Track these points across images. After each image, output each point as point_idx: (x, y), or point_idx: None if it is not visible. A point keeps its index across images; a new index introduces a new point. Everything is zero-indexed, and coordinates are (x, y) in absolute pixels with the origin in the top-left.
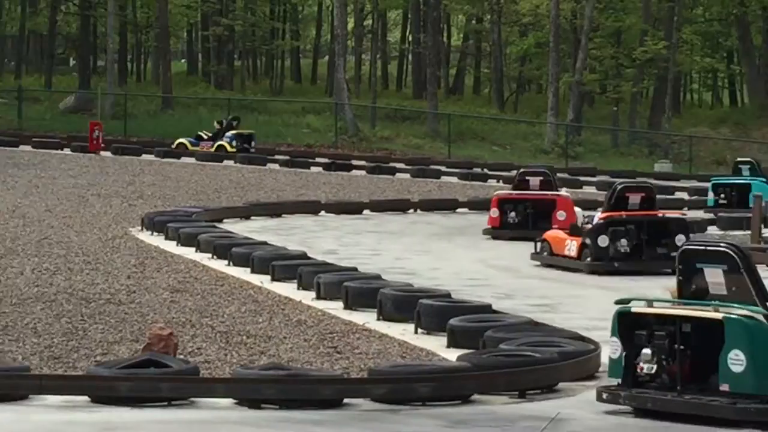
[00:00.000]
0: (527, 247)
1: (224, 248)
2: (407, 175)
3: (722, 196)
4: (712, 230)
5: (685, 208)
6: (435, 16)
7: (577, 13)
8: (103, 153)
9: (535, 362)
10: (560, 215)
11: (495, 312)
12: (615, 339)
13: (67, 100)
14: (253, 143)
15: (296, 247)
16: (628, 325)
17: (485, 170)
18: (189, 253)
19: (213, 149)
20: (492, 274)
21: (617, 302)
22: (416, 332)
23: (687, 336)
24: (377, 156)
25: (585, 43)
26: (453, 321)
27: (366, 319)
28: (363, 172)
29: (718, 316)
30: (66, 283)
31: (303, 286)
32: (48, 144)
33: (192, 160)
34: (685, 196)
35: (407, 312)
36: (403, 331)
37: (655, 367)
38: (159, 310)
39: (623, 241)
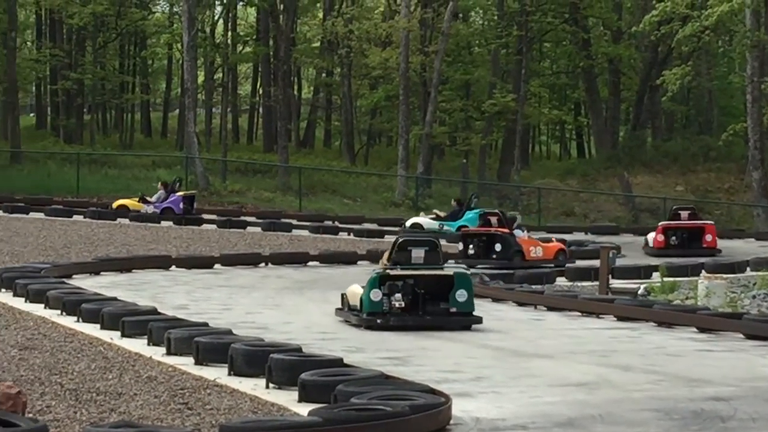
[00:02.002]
0: None
1: (74, 304)
2: (258, 229)
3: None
4: (561, 281)
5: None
6: (285, 69)
7: (426, 66)
8: None
9: (386, 416)
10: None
11: (346, 366)
12: (377, 290)
13: None
14: (195, 204)
15: (147, 303)
16: (384, 281)
17: (336, 223)
18: (38, 309)
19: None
20: (343, 328)
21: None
22: (267, 387)
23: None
24: (228, 210)
25: (434, 96)
26: (304, 375)
27: (217, 374)
28: (214, 226)
29: (450, 272)
30: None
31: (154, 341)
32: None
33: (40, 215)
34: None
35: (258, 367)
36: (254, 386)
37: (404, 303)
38: (7, 368)
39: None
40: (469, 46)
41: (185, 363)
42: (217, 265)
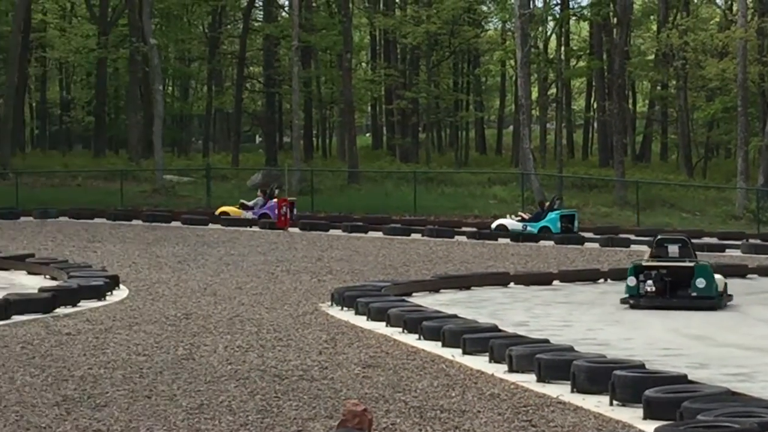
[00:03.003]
0: (719, 317)
1: (415, 322)
2: (596, 245)
3: None
4: None
5: None
6: (620, 83)
7: (764, 76)
8: (291, 229)
9: None
10: None
11: (691, 382)
12: (632, 277)
13: (254, 177)
14: (295, 211)
15: (486, 320)
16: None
17: None
18: (379, 327)
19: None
20: (686, 344)
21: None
22: (611, 404)
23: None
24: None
25: None
26: (648, 392)
27: (560, 391)
28: (551, 243)
29: (691, 263)
30: (259, 360)
31: (495, 359)
32: (236, 222)
33: (379, 234)
34: None
35: (602, 384)
36: (598, 403)
37: (654, 288)
38: (352, 386)
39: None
40: None
41: (527, 380)
42: (555, 282)
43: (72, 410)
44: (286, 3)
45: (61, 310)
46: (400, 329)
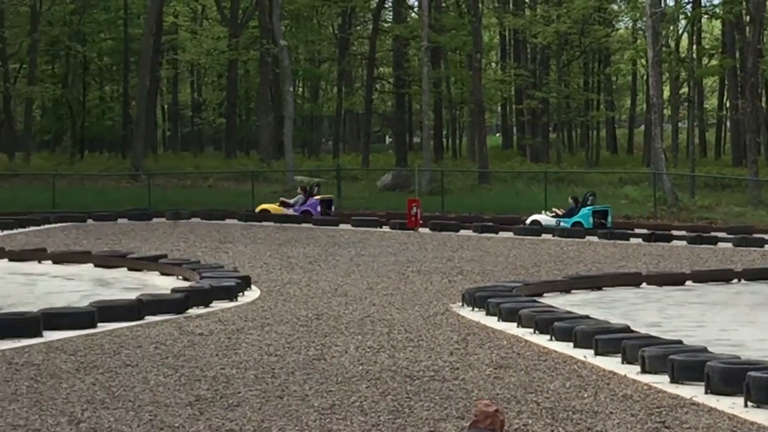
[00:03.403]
0: None
1: (546, 323)
2: (729, 245)
3: None
4: None
5: None
6: (753, 81)
7: None
8: (421, 230)
9: None
10: None
11: None
12: None
13: (384, 178)
14: (332, 207)
15: (619, 321)
16: None
17: None
18: (511, 328)
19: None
20: None
21: None
22: (746, 406)
23: None
24: (697, 226)
25: None
26: None
27: (693, 392)
28: (683, 243)
29: None
30: (390, 361)
31: (627, 359)
32: (367, 222)
33: (509, 234)
34: None
35: (736, 385)
36: (732, 405)
37: None
38: (483, 387)
39: None
40: None
41: (660, 381)
42: (688, 282)
43: (205, 410)
44: (416, 3)
45: (193, 311)
46: (532, 330)
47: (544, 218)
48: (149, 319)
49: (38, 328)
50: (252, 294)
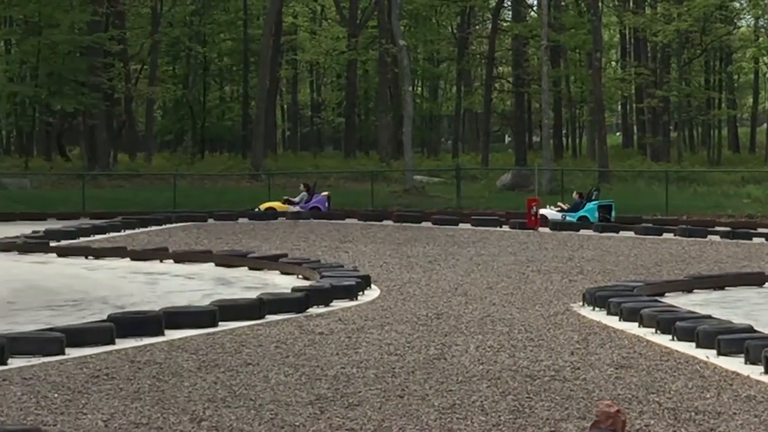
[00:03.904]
0: None
1: (668, 322)
2: None
3: None
4: None
5: None
6: None
7: None
8: (541, 229)
9: None
10: None
11: None
12: None
13: (503, 177)
14: (327, 205)
15: (741, 321)
16: None
17: None
18: (632, 328)
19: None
20: None
21: None
22: None
23: None
24: None
25: None
26: None
27: None
28: None
29: None
30: (510, 361)
31: (750, 360)
32: (486, 221)
33: (630, 234)
34: None
35: None
36: None
37: None
38: (604, 387)
39: None
40: None
41: None
42: None
43: (325, 409)
44: (535, 2)
45: (313, 310)
46: (653, 330)
47: (550, 213)
48: (270, 318)
49: (160, 326)
50: (372, 293)
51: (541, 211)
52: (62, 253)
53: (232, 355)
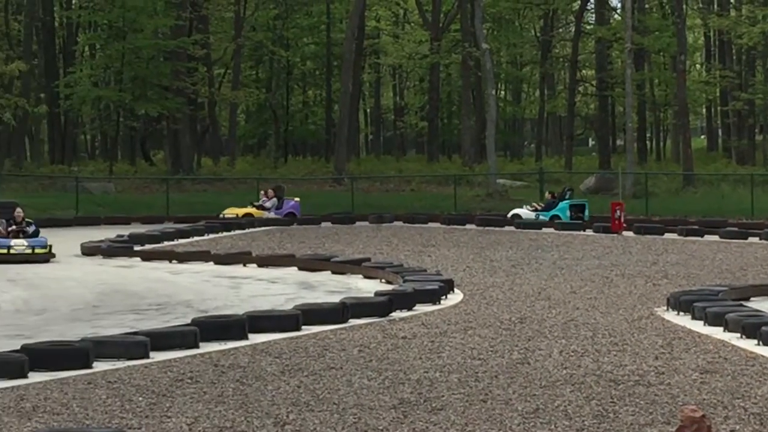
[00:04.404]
0: None
1: (754, 327)
2: None
3: None
4: None
5: None
6: None
7: None
8: (625, 233)
9: None
10: None
11: None
12: None
13: (587, 181)
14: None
15: None
16: None
17: None
18: (716, 332)
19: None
20: None
21: None
22: None
23: None
24: None
25: None
26: None
27: None
28: None
29: None
30: (594, 365)
31: None
32: (570, 225)
33: (715, 237)
34: None
35: None
36: None
37: None
38: (689, 392)
39: None
40: None
41: None
42: None
43: (408, 413)
44: (619, 5)
45: (397, 314)
46: (738, 334)
47: (524, 212)
48: (353, 322)
49: (244, 330)
50: (455, 297)
51: (516, 210)
52: (146, 257)
53: (316, 359)
